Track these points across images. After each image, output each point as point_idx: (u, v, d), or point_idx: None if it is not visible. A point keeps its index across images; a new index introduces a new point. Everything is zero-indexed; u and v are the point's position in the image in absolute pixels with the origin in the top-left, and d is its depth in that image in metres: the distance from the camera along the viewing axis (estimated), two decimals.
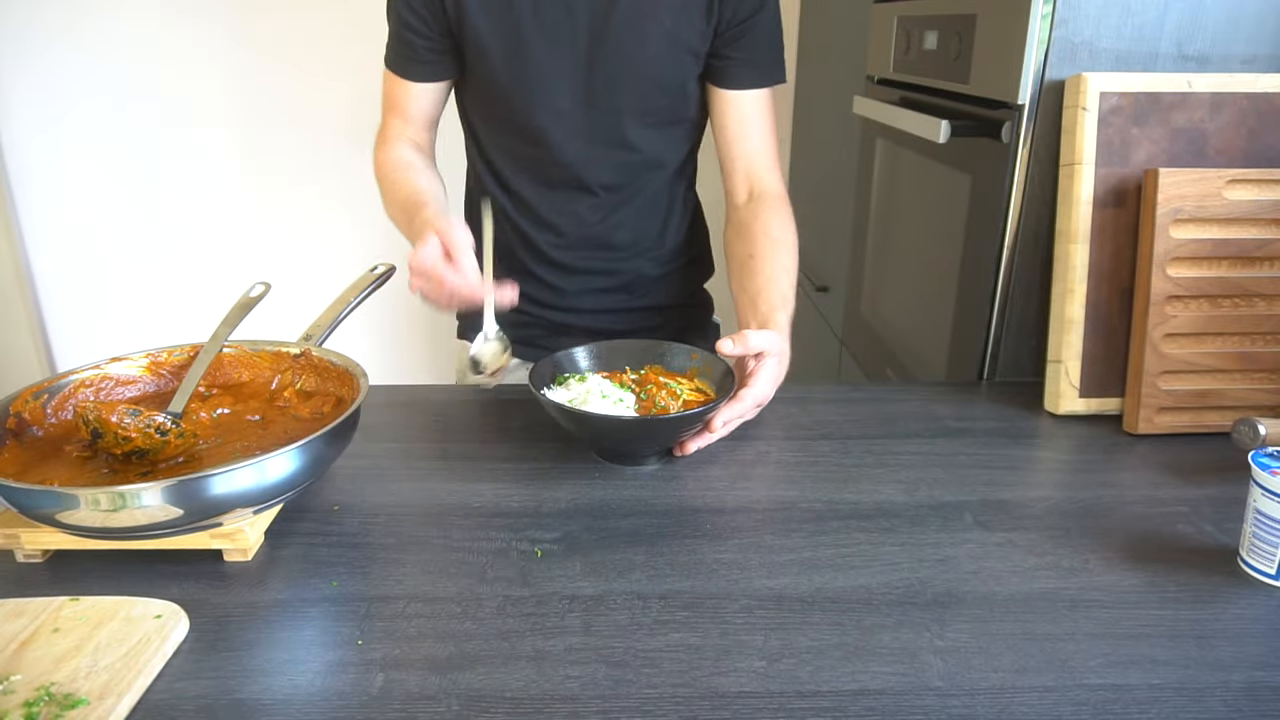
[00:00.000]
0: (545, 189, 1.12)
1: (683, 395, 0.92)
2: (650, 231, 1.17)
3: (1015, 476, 0.87)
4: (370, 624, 0.66)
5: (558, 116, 1.06)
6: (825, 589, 0.69)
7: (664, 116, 1.09)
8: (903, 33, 1.38)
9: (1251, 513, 0.71)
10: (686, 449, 0.90)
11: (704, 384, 0.96)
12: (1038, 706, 0.58)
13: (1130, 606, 0.68)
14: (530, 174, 1.12)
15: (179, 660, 0.62)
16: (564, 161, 1.09)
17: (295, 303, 1.50)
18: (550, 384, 0.94)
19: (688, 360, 0.98)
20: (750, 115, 1.10)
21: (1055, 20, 0.96)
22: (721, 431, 0.90)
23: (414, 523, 0.79)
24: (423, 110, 1.12)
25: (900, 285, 1.46)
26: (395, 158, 1.09)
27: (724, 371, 0.93)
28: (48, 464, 0.77)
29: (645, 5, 1.01)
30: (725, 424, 0.90)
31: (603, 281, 1.18)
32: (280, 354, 0.91)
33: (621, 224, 1.14)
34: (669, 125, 1.11)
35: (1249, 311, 0.93)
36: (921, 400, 1.04)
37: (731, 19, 1.04)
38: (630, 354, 0.99)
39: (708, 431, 0.89)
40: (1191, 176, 0.91)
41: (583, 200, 1.12)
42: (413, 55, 1.07)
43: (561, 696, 0.58)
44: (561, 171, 1.10)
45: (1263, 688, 0.59)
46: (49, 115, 2.26)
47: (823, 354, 1.91)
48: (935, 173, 1.27)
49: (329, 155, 2.29)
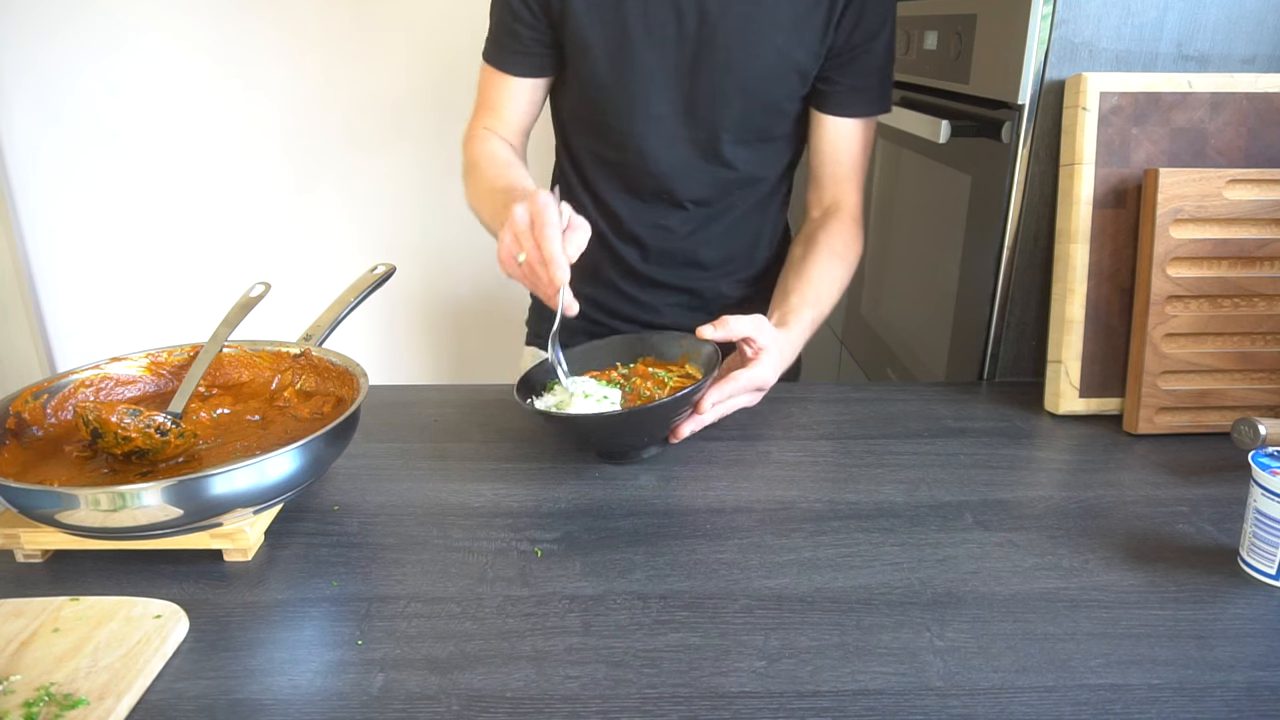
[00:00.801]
0: (634, 199, 1.10)
1: (669, 383, 0.91)
2: (739, 252, 1.15)
3: (1015, 476, 0.87)
4: (370, 624, 0.66)
5: (654, 123, 1.03)
6: (825, 589, 0.69)
7: (762, 134, 1.06)
8: (903, 33, 1.37)
9: (1251, 513, 0.71)
10: (679, 433, 0.88)
11: (694, 368, 0.94)
12: (1038, 706, 0.58)
13: (1130, 606, 0.68)
14: (620, 182, 1.10)
15: (179, 660, 0.62)
16: (656, 171, 1.06)
17: (295, 303, 1.50)
18: (542, 391, 0.93)
19: (678, 346, 0.96)
20: (848, 143, 1.08)
21: (1055, 20, 0.96)
22: (712, 413, 0.88)
23: (414, 523, 0.79)
24: (518, 110, 1.09)
25: (900, 285, 1.46)
26: (493, 150, 1.07)
27: (709, 351, 0.92)
28: (48, 464, 0.77)
29: (758, 19, 0.98)
30: (715, 405, 0.88)
31: (684, 299, 1.16)
32: (280, 354, 0.91)
33: (710, 241, 1.12)
34: (766, 143, 1.08)
35: (1249, 311, 0.93)
36: (921, 400, 1.04)
37: (846, 43, 1.01)
38: (619, 350, 0.98)
39: (697, 414, 0.87)
40: (1191, 176, 0.91)
41: (672, 214, 1.10)
42: (517, 47, 1.04)
43: (561, 696, 0.58)
44: (652, 182, 1.07)
45: (1263, 688, 0.59)
46: (49, 115, 2.26)
47: (823, 354, 1.91)
48: (935, 173, 1.27)
49: (330, 155, 2.29)
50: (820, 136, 1.08)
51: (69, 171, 2.32)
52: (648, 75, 1.01)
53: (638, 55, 1.00)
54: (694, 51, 1.00)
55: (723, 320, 0.87)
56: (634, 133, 1.04)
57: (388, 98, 2.23)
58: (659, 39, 0.99)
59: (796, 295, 1.00)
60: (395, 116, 2.25)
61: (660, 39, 0.99)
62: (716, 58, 0.99)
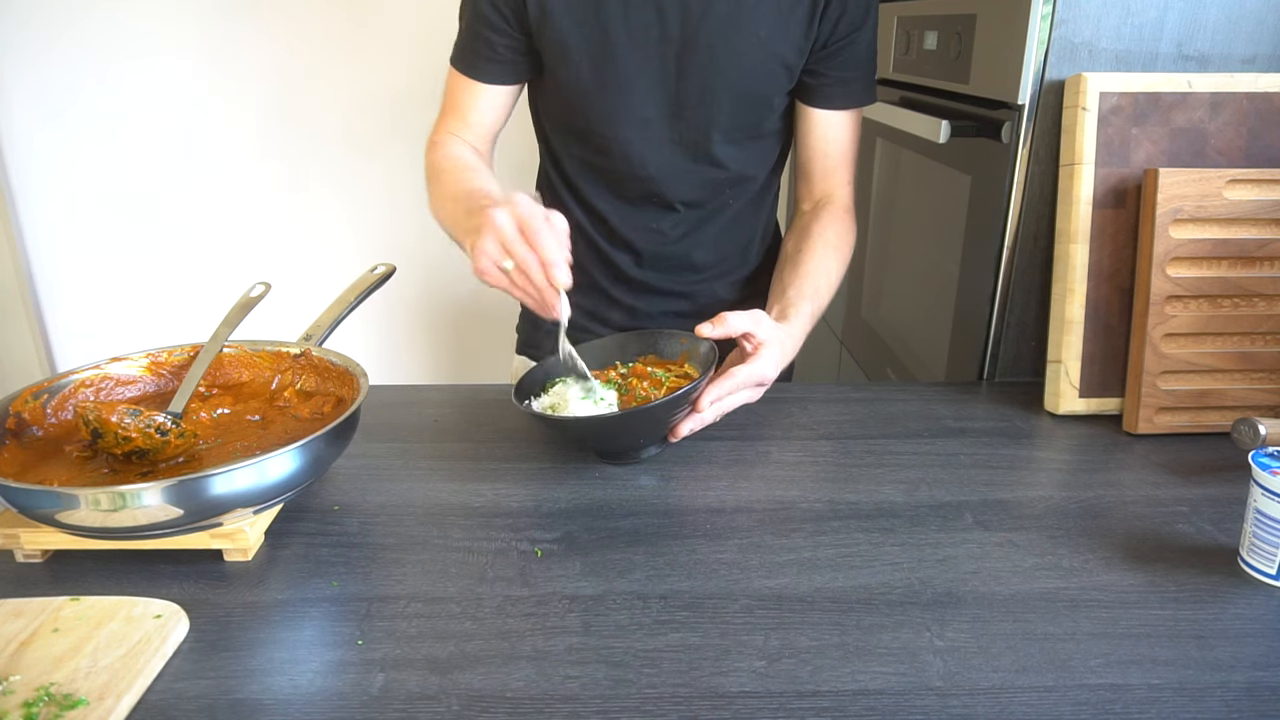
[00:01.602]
0: (624, 203, 1.09)
1: (666, 383, 0.90)
2: (732, 252, 1.14)
3: (1015, 476, 0.87)
4: (370, 624, 0.66)
5: (641, 126, 1.02)
6: (825, 589, 0.69)
7: (751, 131, 1.05)
8: (903, 33, 1.38)
9: (1251, 513, 0.71)
10: (678, 432, 0.87)
11: (692, 368, 0.94)
12: (1038, 706, 0.58)
13: (1130, 606, 0.68)
14: (608, 187, 1.08)
15: (179, 660, 0.62)
16: (644, 175, 1.05)
17: (295, 303, 1.50)
18: (541, 392, 0.92)
19: (678, 345, 0.96)
20: (837, 135, 1.07)
21: (1055, 20, 0.96)
22: (712, 411, 0.87)
23: (414, 523, 0.79)
24: (485, 117, 1.07)
25: (900, 285, 1.46)
26: (457, 155, 1.03)
27: (706, 350, 0.91)
28: (48, 464, 0.77)
29: (741, 14, 0.97)
30: (714, 402, 0.86)
31: (679, 304, 1.15)
32: (280, 354, 0.91)
33: (703, 243, 1.11)
34: (755, 140, 1.07)
35: (1249, 311, 0.93)
36: (921, 400, 1.04)
37: (832, 35, 1.00)
38: (620, 348, 0.98)
39: (695, 412, 0.86)
40: (1191, 176, 0.91)
41: (663, 217, 1.09)
42: (489, 54, 1.02)
43: (561, 696, 0.58)
44: (641, 185, 1.06)
45: (1263, 688, 0.59)
46: (49, 114, 2.26)
47: (823, 354, 1.91)
48: (935, 173, 1.27)
49: (330, 155, 2.29)
50: (808, 131, 1.08)
51: (69, 171, 2.32)
52: (632, 77, 1.00)
53: (620, 58, 0.98)
54: (678, 52, 0.98)
55: (720, 317, 0.86)
56: (620, 137, 1.03)
57: (387, 98, 2.23)
58: (642, 40, 0.98)
59: (794, 289, 1.00)
60: (395, 116, 2.25)
61: (643, 40, 0.98)
62: (702, 56, 0.98)
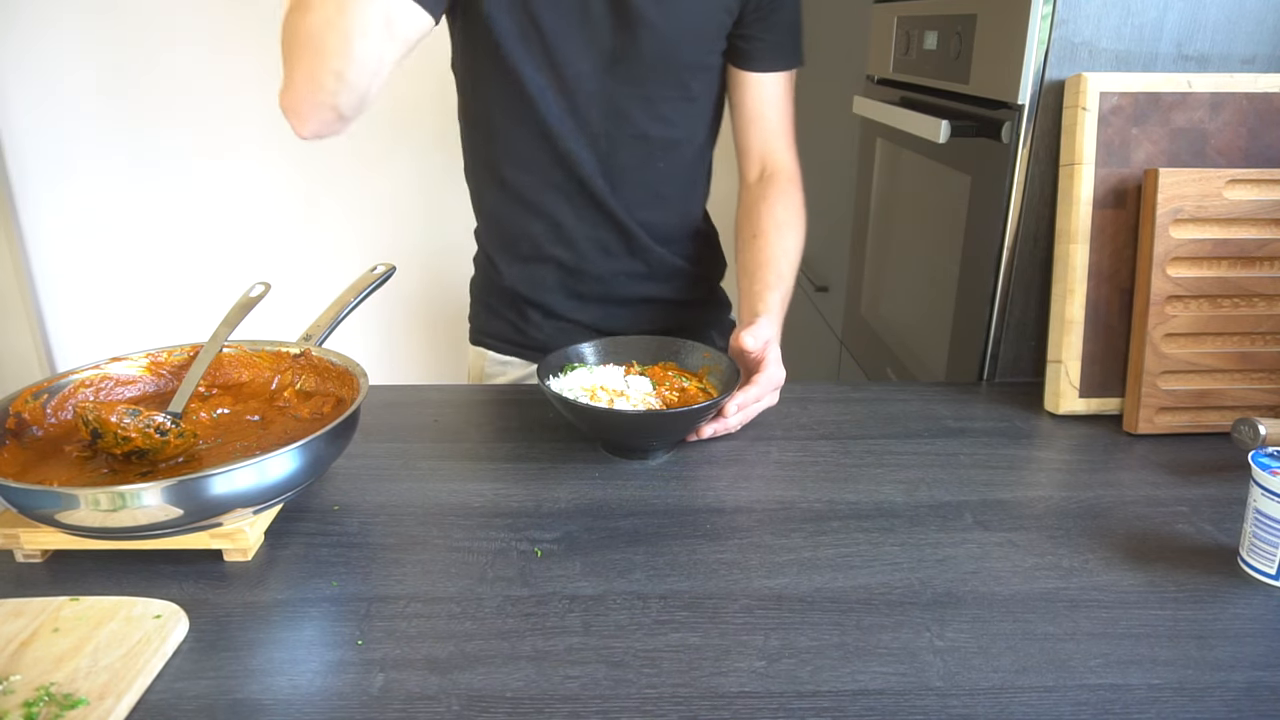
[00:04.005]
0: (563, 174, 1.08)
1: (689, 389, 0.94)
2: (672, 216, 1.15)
3: (1015, 476, 0.87)
4: (370, 624, 0.66)
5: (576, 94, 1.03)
6: (825, 589, 0.69)
7: (686, 93, 1.07)
8: (903, 33, 1.37)
9: (1251, 513, 0.71)
10: (702, 433, 0.91)
11: (711, 384, 0.97)
12: (1038, 706, 0.58)
13: (1130, 606, 0.68)
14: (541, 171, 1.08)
15: (179, 660, 0.62)
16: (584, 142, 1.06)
17: (295, 303, 1.50)
18: (559, 373, 0.95)
19: (700, 359, 0.99)
20: (770, 98, 1.10)
21: (1055, 20, 0.96)
22: (736, 418, 0.91)
23: (414, 523, 0.79)
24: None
25: (900, 285, 1.45)
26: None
27: (729, 370, 0.94)
28: (48, 464, 0.77)
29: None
30: (740, 408, 0.91)
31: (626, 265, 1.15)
32: (280, 354, 0.91)
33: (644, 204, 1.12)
34: (689, 103, 1.08)
35: (1249, 311, 0.93)
36: (921, 400, 1.04)
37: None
38: (642, 349, 1.01)
39: (722, 417, 0.90)
40: (1191, 176, 0.91)
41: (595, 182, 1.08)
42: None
43: (561, 696, 0.58)
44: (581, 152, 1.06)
45: (1263, 688, 0.59)
46: (49, 115, 2.26)
47: (823, 354, 1.91)
48: (935, 173, 1.27)
49: (330, 155, 2.29)
50: (742, 96, 1.10)
51: (69, 171, 2.32)
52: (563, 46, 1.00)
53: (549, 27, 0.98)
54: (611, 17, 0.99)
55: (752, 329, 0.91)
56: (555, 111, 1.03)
57: (388, 99, 2.23)
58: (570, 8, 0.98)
59: (760, 280, 1.03)
60: (395, 117, 2.25)
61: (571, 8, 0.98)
62: (633, 19, 0.99)
